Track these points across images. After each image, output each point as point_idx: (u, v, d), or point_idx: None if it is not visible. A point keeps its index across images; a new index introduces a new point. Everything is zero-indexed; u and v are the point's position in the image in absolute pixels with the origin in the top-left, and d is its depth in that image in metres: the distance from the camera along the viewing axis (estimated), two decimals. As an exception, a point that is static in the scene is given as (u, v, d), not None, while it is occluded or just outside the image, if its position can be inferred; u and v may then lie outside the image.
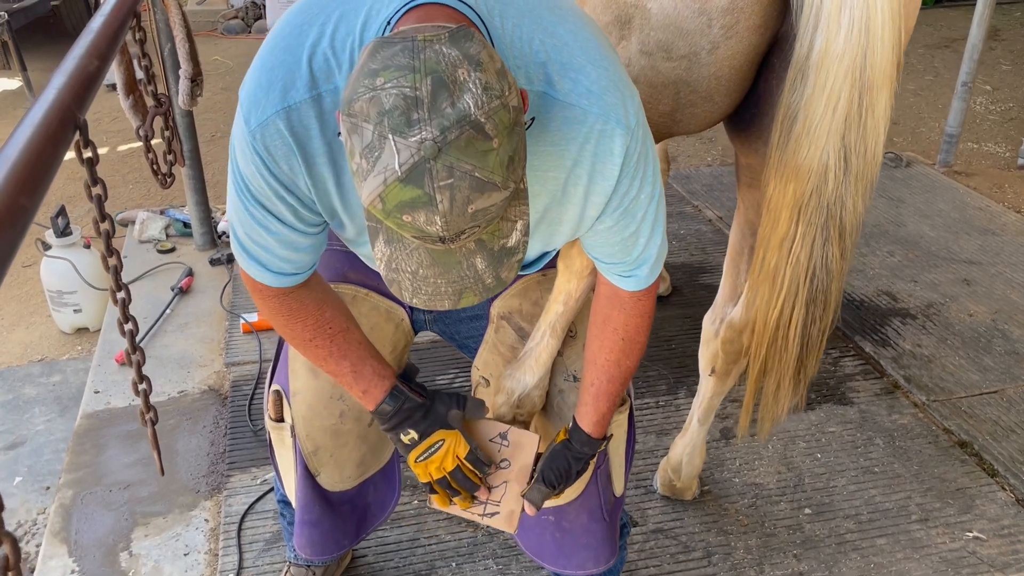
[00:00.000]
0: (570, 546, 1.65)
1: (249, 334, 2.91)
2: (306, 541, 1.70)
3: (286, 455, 1.66)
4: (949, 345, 2.91)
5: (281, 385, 1.59)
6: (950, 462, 2.40)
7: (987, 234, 3.67)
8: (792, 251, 1.54)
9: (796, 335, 1.63)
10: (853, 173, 1.47)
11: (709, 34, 1.49)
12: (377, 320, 1.60)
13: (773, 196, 1.53)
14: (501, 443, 1.50)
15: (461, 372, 2.75)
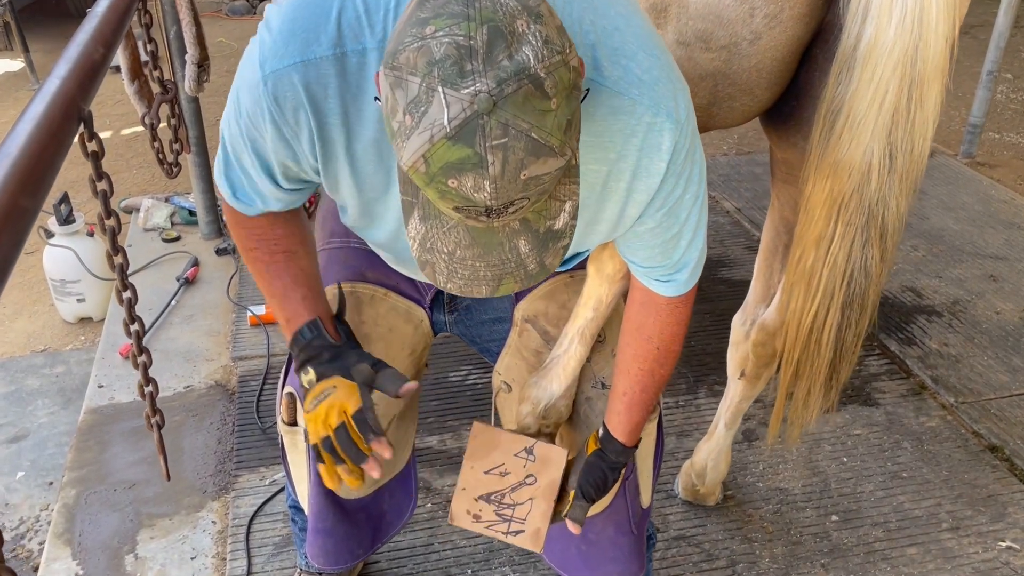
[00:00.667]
0: (596, 559, 1.58)
1: (257, 327, 2.84)
2: (319, 550, 1.64)
3: (299, 460, 1.59)
4: (977, 344, 2.83)
5: (294, 387, 1.50)
6: (980, 467, 2.32)
7: (1013, 228, 3.57)
8: (830, 251, 1.47)
9: (830, 339, 1.55)
10: (898, 172, 1.39)
11: (751, 24, 1.40)
12: (395, 321, 1.52)
13: (812, 194, 1.45)
14: (527, 458, 1.42)
15: (475, 368, 2.68)
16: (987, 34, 4.13)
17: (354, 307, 1.48)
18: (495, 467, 1.43)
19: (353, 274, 1.52)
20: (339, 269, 1.51)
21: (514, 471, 1.41)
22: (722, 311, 2.85)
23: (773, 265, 1.84)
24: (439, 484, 2.24)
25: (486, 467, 1.43)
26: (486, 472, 1.43)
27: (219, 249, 3.26)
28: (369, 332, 1.48)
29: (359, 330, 1.44)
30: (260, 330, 2.82)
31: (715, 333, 2.80)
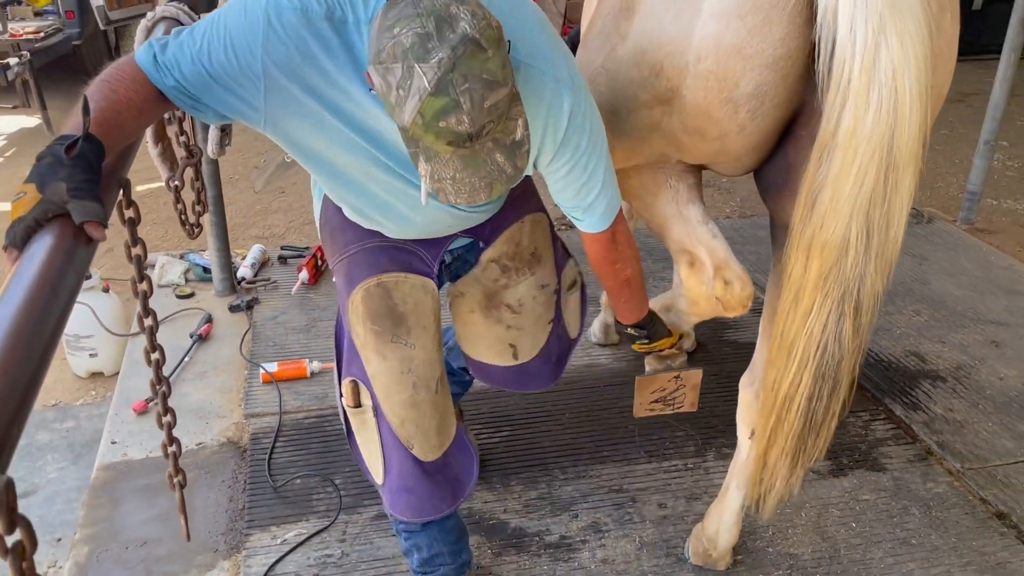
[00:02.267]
0: (526, 378, 2.13)
1: (269, 384, 2.86)
2: (404, 506, 1.89)
3: (370, 436, 1.86)
4: (981, 410, 2.86)
5: (355, 375, 1.81)
6: (988, 534, 2.33)
7: (1013, 294, 3.63)
8: (807, 323, 1.53)
9: (800, 409, 1.60)
10: (874, 250, 1.46)
11: (736, 119, 1.54)
12: (418, 296, 1.80)
13: (794, 271, 1.53)
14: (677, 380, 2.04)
15: (481, 426, 2.70)
16: (982, 102, 4.24)
17: (385, 294, 1.76)
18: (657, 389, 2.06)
19: (376, 269, 1.78)
20: (363, 269, 1.77)
21: (669, 387, 2.02)
22: (729, 373, 2.88)
23: None
24: (450, 545, 2.24)
25: (652, 390, 2.05)
26: (652, 392, 2.05)
27: (232, 306, 3.31)
28: (403, 311, 1.77)
29: (394, 311, 1.75)
30: (272, 387, 2.84)
31: (723, 395, 2.82)
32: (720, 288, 1.75)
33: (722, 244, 1.77)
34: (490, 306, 1.98)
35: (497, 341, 2.03)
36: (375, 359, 1.77)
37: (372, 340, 1.76)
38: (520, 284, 1.95)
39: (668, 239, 1.83)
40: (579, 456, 2.60)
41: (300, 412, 2.75)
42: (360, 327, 1.76)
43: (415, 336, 1.77)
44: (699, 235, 1.76)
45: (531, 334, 2.02)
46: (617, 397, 2.88)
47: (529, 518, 2.36)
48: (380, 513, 2.35)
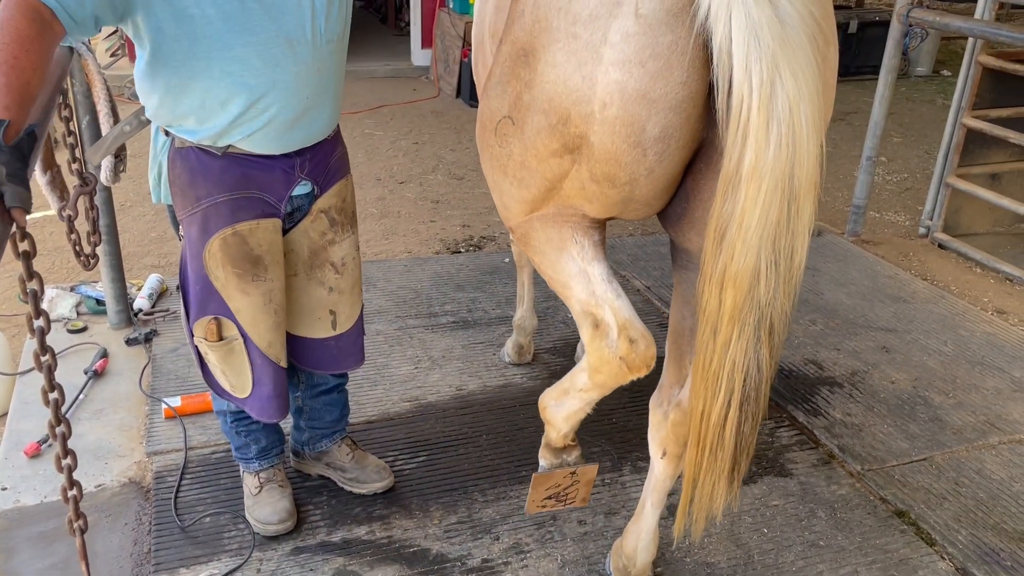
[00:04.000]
0: (342, 356, 2.30)
1: (172, 419, 2.75)
2: (276, 408, 2.17)
3: (236, 360, 2.10)
4: (876, 413, 3.00)
5: (217, 313, 2.04)
6: (890, 532, 2.44)
7: (899, 302, 3.83)
8: (729, 354, 1.57)
9: (732, 435, 1.65)
10: (782, 276, 1.52)
11: (645, 162, 1.57)
12: (272, 236, 2.03)
13: (709, 304, 1.56)
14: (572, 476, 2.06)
15: (402, 454, 2.66)
16: (861, 120, 4.50)
17: (241, 242, 1.98)
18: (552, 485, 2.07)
19: (231, 219, 1.97)
20: (218, 220, 1.96)
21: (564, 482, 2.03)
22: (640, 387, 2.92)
23: (683, 347, 1.93)
24: (370, 576, 2.20)
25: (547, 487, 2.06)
26: (547, 488, 2.06)
27: (129, 339, 3.16)
28: (259, 253, 2.01)
29: (251, 255, 1.99)
30: (176, 423, 2.73)
31: (634, 410, 2.88)
32: (625, 348, 1.74)
33: (626, 304, 1.76)
34: (314, 265, 2.15)
35: (318, 307, 2.20)
36: (238, 296, 2.02)
37: (234, 280, 2.00)
38: (344, 241, 2.17)
39: (571, 299, 1.81)
40: (498, 478, 2.60)
41: (207, 447, 2.65)
42: (220, 271, 2.00)
43: (271, 272, 2.04)
44: (603, 295, 1.75)
45: (349, 300, 2.24)
46: (533, 416, 2.88)
47: (450, 543, 2.33)
48: (296, 547, 2.28)
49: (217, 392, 2.22)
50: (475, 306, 3.62)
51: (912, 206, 5.32)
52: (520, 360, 3.20)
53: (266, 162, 1.97)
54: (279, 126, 1.92)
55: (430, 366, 3.16)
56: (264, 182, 1.98)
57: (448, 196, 5.14)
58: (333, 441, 2.49)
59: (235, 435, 2.34)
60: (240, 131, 1.90)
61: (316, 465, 2.52)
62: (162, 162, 2.03)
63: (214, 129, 1.89)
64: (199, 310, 2.06)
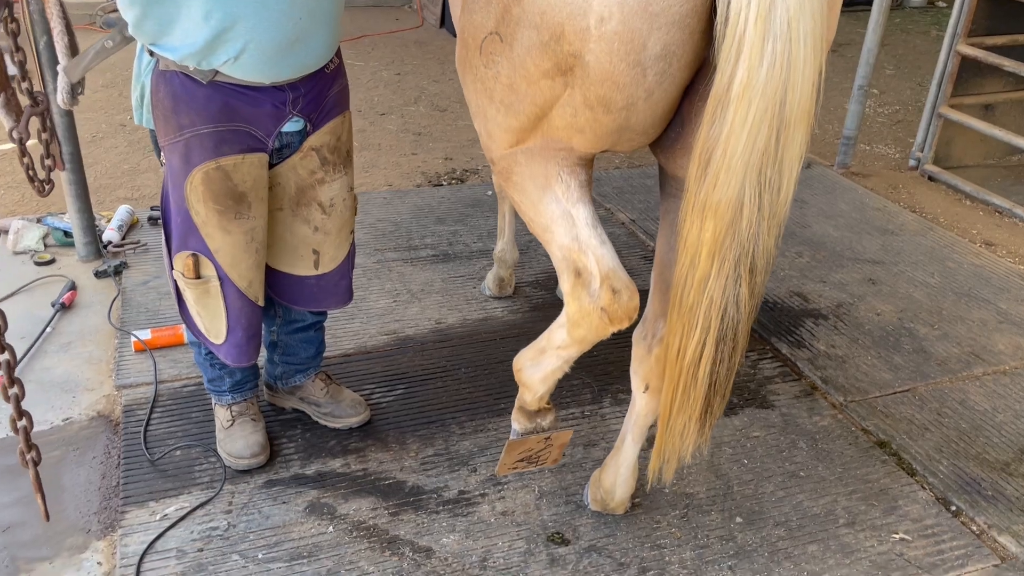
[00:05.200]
0: (323, 296, 2.23)
1: (142, 353, 2.68)
2: (253, 349, 2.14)
3: (211, 301, 2.02)
4: (861, 345, 2.96)
5: (196, 249, 1.96)
6: (871, 463, 2.42)
7: (887, 234, 3.77)
8: (707, 289, 1.50)
9: (705, 374, 1.59)
10: (766, 211, 1.44)
11: (644, 83, 1.46)
12: (257, 172, 1.94)
13: (690, 235, 1.49)
14: (547, 440, 2.00)
15: (379, 387, 2.61)
16: (854, 52, 4.37)
17: (224, 177, 1.89)
18: (525, 450, 2.01)
19: (215, 153, 1.87)
20: (200, 152, 1.86)
21: (537, 447, 1.98)
22: (622, 321, 2.88)
23: (668, 279, 1.86)
24: (345, 509, 2.16)
25: (520, 451, 2.00)
26: (519, 453, 2.00)
27: (99, 271, 3.08)
28: (243, 190, 1.92)
29: (235, 192, 1.90)
30: (146, 356, 2.66)
31: (617, 342, 2.81)
32: (607, 298, 1.66)
33: (610, 252, 1.67)
34: (301, 202, 2.06)
35: (301, 244, 2.12)
36: (218, 235, 1.93)
37: (215, 218, 1.91)
38: (335, 181, 2.07)
39: (552, 245, 1.72)
40: (476, 410, 2.55)
41: (178, 380, 2.59)
42: (200, 206, 1.90)
43: (255, 208, 1.96)
44: (587, 241, 1.65)
45: (335, 242, 2.15)
46: (513, 350, 2.81)
47: (427, 475, 2.30)
48: (269, 480, 2.24)
49: (192, 331, 2.16)
50: (456, 239, 3.54)
51: (903, 139, 5.23)
52: (500, 293, 3.14)
53: (254, 94, 1.86)
54: (267, 49, 1.79)
55: (409, 299, 3.09)
56: (251, 115, 1.87)
57: (430, 128, 5.01)
58: (307, 376, 2.44)
59: (208, 367, 2.28)
60: (224, 51, 1.77)
61: (290, 399, 2.47)
62: (145, 83, 1.92)
63: (196, 45, 1.76)
64: (180, 242, 1.97)
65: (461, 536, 2.11)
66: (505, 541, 2.10)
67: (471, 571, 2.01)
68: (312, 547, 2.05)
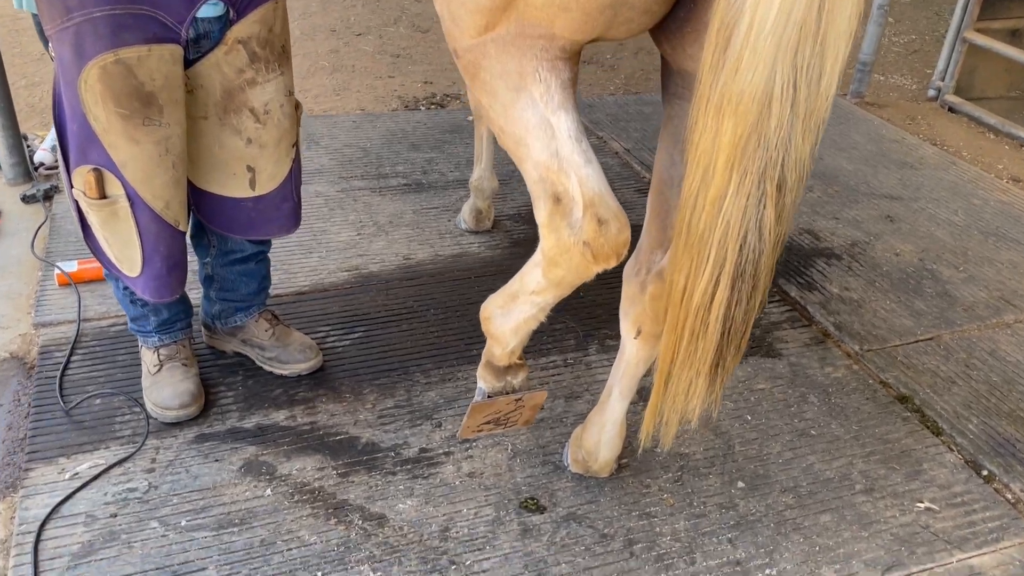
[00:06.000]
0: (264, 220, 1.91)
1: (67, 287, 2.36)
2: (176, 282, 1.83)
3: (121, 226, 1.71)
4: (878, 288, 2.66)
5: (99, 163, 1.64)
6: (891, 420, 2.13)
7: (905, 168, 3.44)
8: (722, 212, 1.17)
9: (718, 319, 1.27)
10: (802, 107, 1.11)
11: None
12: (168, 68, 1.62)
13: (702, 140, 1.16)
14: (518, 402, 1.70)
15: (334, 329, 2.30)
16: (874, -30, 3.98)
17: (127, 73, 1.56)
18: (492, 412, 1.71)
19: (112, 42, 1.55)
20: (95, 41, 1.54)
21: (506, 409, 1.68)
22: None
23: (669, 201, 1.54)
24: (286, 469, 1.87)
25: (487, 414, 1.71)
26: (485, 416, 1.71)
27: (26, 196, 2.74)
28: (152, 89, 1.60)
29: (141, 91, 1.59)
30: (70, 291, 2.35)
31: (606, 283, 2.48)
32: (591, 230, 1.33)
33: (596, 172, 1.34)
34: (229, 108, 1.75)
35: (232, 160, 1.81)
36: (126, 145, 1.62)
37: (119, 124, 1.60)
38: (269, 83, 1.75)
39: (526, 163, 1.38)
40: (445, 357, 2.25)
41: (105, 319, 2.27)
42: (99, 109, 1.58)
43: (168, 113, 1.64)
44: (568, 157, 1.33)
45: (273, 157, 1.83)
46: (489, 289, 2.47)
47: (384, 430, 2.00)
48: (201, 434, 1.94)
49: (102, 262, 1.84)
50: (431, 167, 3.20)
51: (919, 69, 4.86)
52: (478, 227, 2.81)
53: None
54: None
55: (375, 232, 2.77)
56: None
57: (410, 50, 4.62)
58: (250, 315, 2.13)
59: (130, 304, 1.96)
60: None
61: (231, 341, 2.17)
62: None
63: None
64: (78, 155, 1.65)
65: (420, 501, 1.82)
66: (471, 507, 1.82)
67: (429, 542, 1.73)
68: (245, 513, 1.76)
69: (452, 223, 2.85)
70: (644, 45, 4.71)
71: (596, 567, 1.71)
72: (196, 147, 1.78)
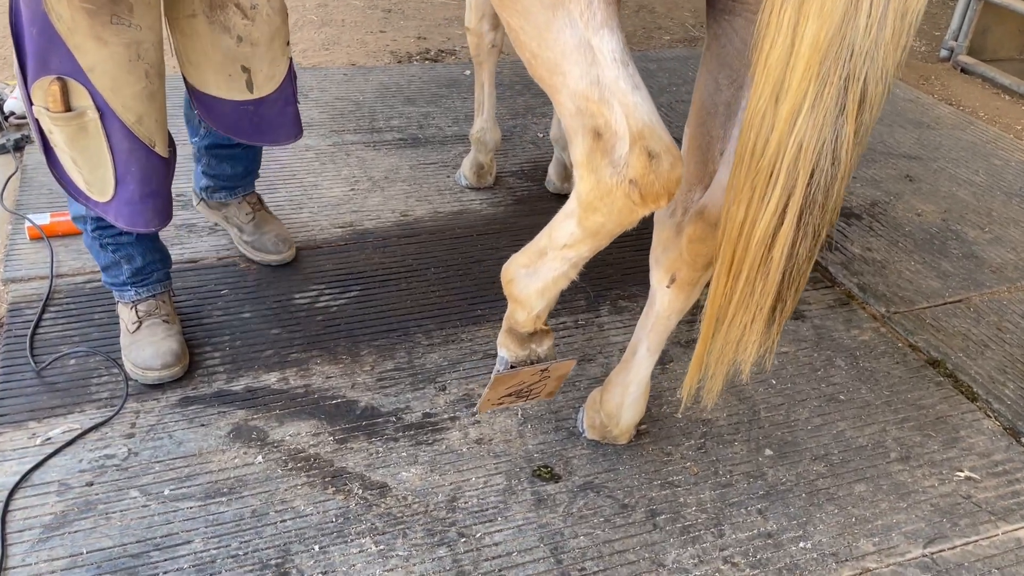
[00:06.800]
0: (269, 126, 1.87)
1: (38, 241, 2.19)
2: (151, 212, 1.67)
3: (90, 143, 1.56)
4: (901, 248, 2.52)
5: (64, 70, 1.49)
6: (924, 385, 2.01)
7: (922, 127, 3.30)
8: (795, 130, 1.02)
9: (782, 256, 1.12)
10: (894, 4, 0.95)
11: None
12: None
13: (775, 48, 1.00)
14: (543, 373, 1.54)
15: (328, 288, 2.15)
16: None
17: None
18: (515, 384, 1.55)
19: None
20: None
21: (530, 380, 1.53)
22: (623, 215, 2.42)
23: (712, 131, 1.39)
24: (279, 434, 1.72)
25: (509, 386, 1.54)
26: (508, 387, 1.55)
27: (-6, 147, 2.56)
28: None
29: None
30: (42, 244, 2.17)
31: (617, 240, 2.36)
32: (640, 165, 1.16)
33: (645, 100, 1.16)
34: (215, 4, 1.67)
35: (226, 61, 1.74)
36: (93, 46, 1.48)
37: (85, 22, 1.45)
38: None
39: (561, 92, 1.20)
40: (447, 317, 2.10)
41: (79, 275, 2.11)
42: (62, 5, 1.43)
43: (139, 14, 1.51)
44: (612, 84, 1.15)
45: (267, 56, 1.77)
46: (492, 248, 2.37)
47: (384, 394, 1.85)
48: (185, 397, 1.79)
49: (69, 191, 1.67)
50: (427, 122, 3.03)
51: (927, 31, 4.70)
52: (479, 183, 2.65)
53: None
54: None
55: (370, 188, 2.60)
56: None
57: (402, 4, 4.42)
58: (234, 196, 2.18)
59: (100, 250, 1.81)
60: None
61: (215, 214, 2.23)
62: None
63: None
64: (39, 64, 1.50)
65: (424, 469, 1.68)
66: (480, 476, 1.68)
67: (436, 513, 1.59)
68: (235, 482, 1.61)
69: (451, 179, 2.69)
70: (645, 3, 4.53)
71: (617, 539, 1.57)
72: (191, 47, 1.72)
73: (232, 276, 2.16)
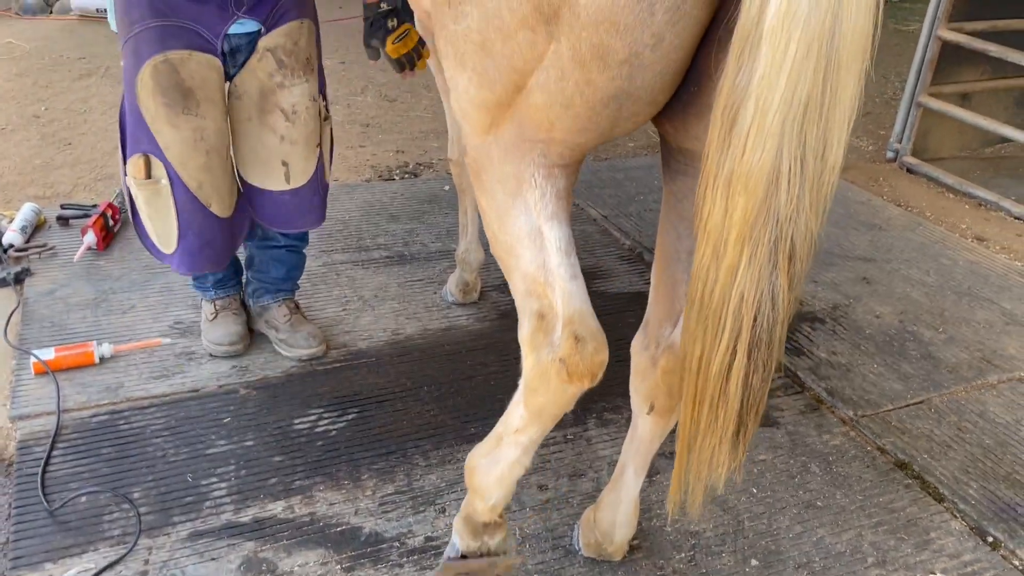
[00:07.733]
0: (299, 212, 2.27)
1: (43, 376, 2.27)
2: (205, 259, 2.17)
3: (162, 203, 2.06)
4: (864, 351, 2.69)
5: (146, 149, 2.00)
6: (893, 488, 2.14)
7: (875, 229, 3.53)
8: (736, 284, 1.18)
9: (737, 387, 1.27)
10: (810, 181, 1.12)
11: (652, 24, 1.14)
12: (205, 73, 2.00)
13: (711, 217, 1.16)
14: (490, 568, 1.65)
15: (327, 412, 2.24)
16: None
17: (172, 71, 1.95)
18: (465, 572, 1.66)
19: (162, 46, 1.93)
20: (149, 46, 1.92)
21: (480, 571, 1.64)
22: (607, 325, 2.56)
23: (676, 275, 1.54)
24: (288, 565, 1.79)
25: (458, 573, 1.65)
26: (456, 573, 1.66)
27: (-5, 280, 2.65)
28: (191, 85, 1.98)
29: (182, 86, 1.96)
30: (48, 380, 2.25)
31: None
32: (568, 347, 1.34)
33: (580, 290, 1.35)
34: (265, 109, 2.10)
35: (271, 156, 2.16)
36: (167, 130, 1.98)
37: (164, 112, 1.96)
38: (295, 87, 2.10)
39: (515, 274, 1.39)
40: (443, 436, 2.20)
41: (86, 409, 2.18)
42: (150, 101, 1.95)
43: (204, 108, 2.00)
44: (555, 270, 1.35)
45: (303, 153, 2.18)
46: (482, 363, 2.49)
47: (386, 519, 1.94)
48: (195, 531, 1.86)
49: (147, 246, 2.19)
50: (412, 239, 3.18)
51: (873, 131, 5.02)
52: (465, 299, 2.79)
53: None
54: None
55: (360, 307, 2.73)
56: (195, 13, 1.95)
57: (379, 119, 4.63)
58: (275, 299, 2.48)
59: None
60: None
61: (257, 320, 2.51)
62: None
63: None
64: (133, 144, 2.02)
65: (430, 594, 1.76)
66: (483, 599, 1.75)
67: (444, 639, 1.66)
68: None
69: (438, 295, 2.82)
70: (610, 111, 4.79)
71: (618, 658, 1.65)
72: (244, 145, 2.14)
73: (233, 403, 2.25)
